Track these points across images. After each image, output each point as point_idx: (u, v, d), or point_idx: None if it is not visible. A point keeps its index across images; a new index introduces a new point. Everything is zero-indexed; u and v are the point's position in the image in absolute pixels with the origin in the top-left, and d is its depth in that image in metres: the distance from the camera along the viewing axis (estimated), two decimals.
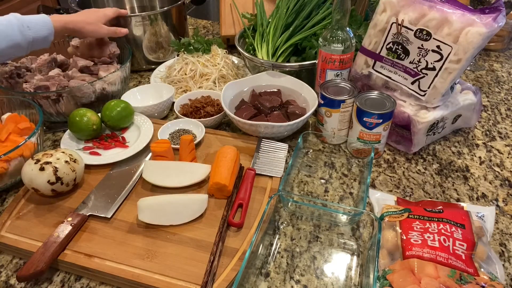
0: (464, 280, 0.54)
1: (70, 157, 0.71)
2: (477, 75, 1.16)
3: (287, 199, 0.71)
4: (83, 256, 0.62)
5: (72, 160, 0.71)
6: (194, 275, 0.58)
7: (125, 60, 1.00)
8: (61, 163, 0.69)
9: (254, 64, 1.00)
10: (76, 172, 0.71)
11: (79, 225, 0.66)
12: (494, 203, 0.74)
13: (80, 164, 0.73)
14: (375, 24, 0.81)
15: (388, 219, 0.65)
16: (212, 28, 1.47)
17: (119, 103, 0.87)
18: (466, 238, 0.60)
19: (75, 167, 0.71)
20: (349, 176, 0.80)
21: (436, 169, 0.82)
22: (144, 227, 0.67)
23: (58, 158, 0.69)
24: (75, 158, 0.72)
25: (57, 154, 0.70)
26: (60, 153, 0.71)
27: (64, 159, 0.70)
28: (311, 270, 0.62)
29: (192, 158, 0.79)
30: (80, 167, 0.73)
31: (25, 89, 0.90)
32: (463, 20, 0.70)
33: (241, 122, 0.82)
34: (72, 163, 0.71)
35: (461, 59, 0.72)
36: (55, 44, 1.08)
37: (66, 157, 0.70)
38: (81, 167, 0.73)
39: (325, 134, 0.87)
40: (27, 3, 2.30)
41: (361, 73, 0.87)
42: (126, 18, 1.09)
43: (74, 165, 0.71)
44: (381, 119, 0.77)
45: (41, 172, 0.67)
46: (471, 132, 0.92)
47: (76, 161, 0.72)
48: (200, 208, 0.68)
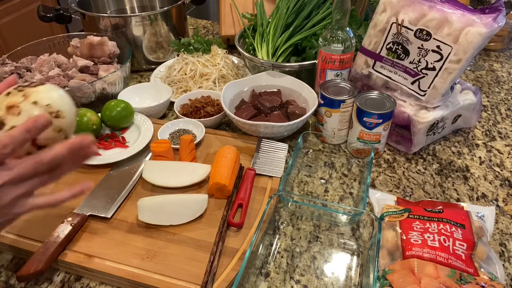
0: (464, 280, 0.54)
1: (48, 111, 0.46)
2: (477, 75, 1.16)
3: (287, 199, 0.71)
4: (83, 256, 0.62)
5: (54, 115, 0.46)
6: (194, 275, 0.58)
7: (125, 60, 1.00)
8: None
9: (254, 64, 1.00)
10: (63, 131, 0.47)
11: (79, 225, 0.66)
12: (494, 203, 0.74)
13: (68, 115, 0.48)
14: (375, 24, 0.81)
15: (388, 219, 0.65)
16: (212, 28, 1.47)
17: (119, 103, 0.87)
18: (466, 238, 0.60)
19: (61, 124, 0.47)
20: (349, 176, 0.80)
21: (436, 169, 0.82)
22: (144, 227, 0.67)
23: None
24: (58, 110, 0.46)
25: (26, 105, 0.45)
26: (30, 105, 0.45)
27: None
28: (311, 270, 0.62)
29: (192, 158, 0.79)
30: (68, 119, 0.48)
31: None
32: (463, 20, 0.70)
33: (241, 122, 0.82)
34: (55, 119, 0.46)
35: (461, 59, 0.72)
36: (55, 44, 1.08)
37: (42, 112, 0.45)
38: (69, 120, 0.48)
39: (325, 134, 0.87)
40: (27, 3, 2.30)
41: (361, 73, 0.87)
42: (126, 18, 1.10)
43: (58, 122, 0.46)
44: (381, 119, 0.77)
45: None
46: (471, 132, 0.92)
47: (60, 114, 0.46)
48: (200, 208, 0.68)
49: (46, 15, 1.13)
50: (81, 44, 1.04)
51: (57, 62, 1.01)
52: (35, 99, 0.45)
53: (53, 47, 1.08)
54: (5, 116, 0.45)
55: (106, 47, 1.03)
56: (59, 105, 0.47)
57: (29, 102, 0.45)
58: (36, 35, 1.50)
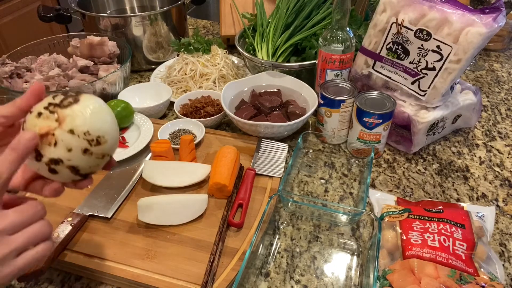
0: (464, 280, 0.54)
1: (87, 140, 0.42)
2: (477, 75, 1.16)
3: (287, 199, 0.71)
4: (83, 256, 0.62)
5: (94, 143, 0.42)
6: (194, 275, 0.58)
7: (125, 60, 1.00)
8: (78, 156, 0.42)
9: (254, 64, 1.00)
10: (106, 155, 0.44)
11: (79, 225, 0.66)
12: (494, 203, 0.74)
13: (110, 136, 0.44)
14: (375, 24, 0.81)
15: (388, 219, 0.65)
16: (212, 28, 1.47)
17: (119, 103, 0.87)
18: (466, 238, 0.60)
19: (104, 149, 0.43)
20: (349, 176, 0.80)
21: (436, 169, 0.82)
22: (144, 227, 0.67)
23: (70, 149, 0.41)
24: (98, 136, 0.42)
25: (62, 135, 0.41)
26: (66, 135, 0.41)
27: (80, 146, 0.41)
28: (311, 270, 0.62)
29: (192, 158, 0.79)
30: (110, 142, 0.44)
31: (25, 89, 0.90)
32: (463, 20, 0.70)
33: (241, 122, 0.82)
34: (96, 147, 0.42)
35: (461, 59, 0.72)
36: (55, 44, 1.08)
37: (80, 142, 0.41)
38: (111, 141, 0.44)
39: (325, 134, 0.87)
40: (27, 3, 2.31)
41: (361, 73, 0.87)
42: (126, 18, 1.10)
43: (100, 149, 0.43)
44: (381, 119, 0.77)
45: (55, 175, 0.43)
46: (471, 132, 0.92)
47: (101, 140, 0.42)
48: (200, 208, 0.68)
49: (46, 15, 1.13)
50: (81, 44, 1.04)
51: (57, 62, 1.01)
52: (70, 126, 0.41)
53: (53, 47, 1.08)
54: (40, 146, 0.41)
55: (106, 47, 1.03)
56: (99, 129, 0.42)
57: (65, 130, 0.41)
58: (36, 35, 1.50)
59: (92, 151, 0.42)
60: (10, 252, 0.38)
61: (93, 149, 0.42)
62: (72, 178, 0.44)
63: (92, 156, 0.42)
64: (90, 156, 0.42)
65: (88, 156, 0.42)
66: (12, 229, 0.39)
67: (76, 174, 0.43)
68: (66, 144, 0.41)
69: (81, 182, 0.46)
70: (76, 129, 0.41)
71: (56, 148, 0.41)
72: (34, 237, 0.40)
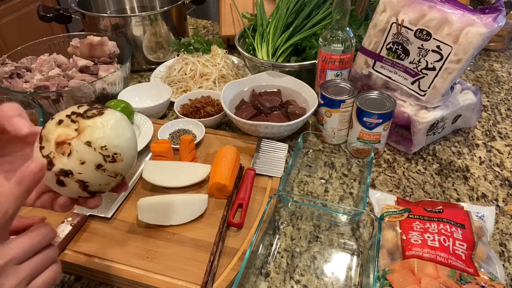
0: (464, 280, 0.54)
1: (103, 155, 0.40)
2: (477, 75, 1.16)
3: (287, 199, 0.71)
4: (83, 256, 0.62)
5: (109, 160, 0.40)
6: (194, 275, 0.58)
7: (125, 60, 1.00)
8: (90, 171, 0.40)
9: (254, 64, 1.00)
10: (119, 174, 0.43)
11: (79, 225, 0.66)
12: (494, 203, 0.74)
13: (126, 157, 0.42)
14: (375, 24, 0.81)
15: (388, 219, 0.65)
16: (212, 28, 1.47)
17: (119, 103, 0.87)
18: (466, 238, 0.60)
19: (118, 168, 0.42)
20: (349, 176, 0.80)
21: (436, 169, 0.82)
22: (144, 227, 0.67)
23: (83, 162, 0.39)
24: (114, 152, 0.40)
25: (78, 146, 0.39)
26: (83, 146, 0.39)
27: (94, 160, 0.40)
28: (311, 270, 0.62)
29: (192, 158, 0.79)
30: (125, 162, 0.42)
31: (25, 89, 0.90)
32: (463, 20, 0.70)
33: (241, 122, 0.82)
34: (110, 164, 0.41)
35: (461, 59, 0.72)
36: (55, 44, 1.08)
37: (95, 156, 0.39)
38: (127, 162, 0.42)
39: (325, 134, 0.87)
40: (27, 3, 2.31)
41: (361, 73, 0.87)
42: (126, 18, 1.10)
43: (114, 167, 0.41)
44: (381, 119, 0.77)
45: (62, 188, 0.41)
46: (471, 132, 0.92)
47: (116, 158, 0.41)
48: (200, 208, 0.68)
49: (46, 15, 1.13)
50: (81, 44, 1.04)
51: (57, 62, 1.01)
52: (89, 138, 0.39)
53: (53, 47, 1.08)
54: (54, 153, 0.39)
55: (106, 47, 1.03)
56: (117, 146, 0.40)
57: (82, 141, 0.39)
58: (36, 35, 1.50)
59: (105, 168, 0.40)
60: (20, 282, 0.37)
61: (107, 166, 0.40)
62: (79, 194, 0.42)
63: (104, 173, 0.40)
64: (103, 173, 0.40)
65: (100, 172, 0.40)
66: (20, 259, 0.38)
67: (84, 190, 0.41)
68: (80, 156, 0.39)
69: (90, 200, 0.43)
70: (93, 142, 0.39)
71: (69, 159, 0.39)
72: (43, 264, 0.39)
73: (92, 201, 0.44)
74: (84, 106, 0.41)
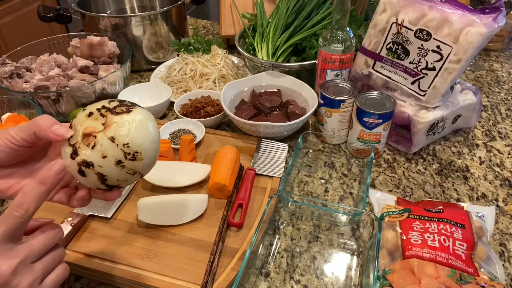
0: (464, 280, 0.54)
1: (124, 152, 0.41)
2: (477, 75, 1.16)
3: (287, 199, 0.71)
4: (83, 256, 0.62)
5: (129, 157, 0.41)
6: (194, 275, 0.58)
7: (125, 60, 1.00)
8: (110, 166, 0.41)
9: (254, 64, 1.00)
10: (138, 173, 0.44)
11: (79, 225, 0.66)
12: (494, 203, 0.74)
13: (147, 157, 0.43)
14: (375, 24, 0.81)
15: (388, 219, 0.65)
16: (212, 28, 1.47)
17: None
18: (466, 238, 0.60)
19: (137, 166, 0.43)
20: (349, 176, 0.80)
21: (436, 169, 0.82)
22: (144, 227, 0.67)
23: (105, 156, 0.40)
24: (136, 151, 0.41)
25: (103, 140, 0.40)
26: (106, 141, 0.40)
27: (115, 156, 0.41)
28: (311, 270, 0.62)
29: (192, 158, 0.79)
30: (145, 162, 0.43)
31: (25, 89, 0.90)
32: (463, 20, 0.70)
33: (241, 122, 0.82)
34: (130, 162, 0.42)
35: (461, 59, 0.72)
36: (55, 44, 1.08)
37: (117, 152, 0.41)
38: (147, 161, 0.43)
39: (325, 134, 0.87)
40: (27, 3, 2.31)
41: (361, 73, 0.87)
42: (126, 18, 1.10)
43: (133, 165, 0.42)
44: (381, 119, 0.77)
45: (82, 178, 0.42)
46: (471, 132, 0.92)
47: (137, 156, 0.42)
48: (200, 208, 0.68)
49: (46, 15, 1.13)
50: (81, 44, 1.04)
51: (57, 62, 1.01)
52: (113, 133, 0.40)
53: (53, 47, 1.08)
54: (80, 144, 0.41)
55: (106, 47, 1.03)
56: (139, 145, 0.41)
57: (107, 136, 0.40)
58: (36, 35, 1.50)
59: (125, 165, 0.41)
60: (34, 280, 0.39)
61: (126, 163, 0.41)
62: (97, 186, 0.43)
63: (123, 170, 0.42)
64: (121, 169, 0.41)
65: (119, 168, 0.41)
66: (34, 258, 0.40)
67: (103, 183, 0.42)
68: (102, 150, 0.40)
69: (108, 193, 0.45)
70: (117, 138, 0.40)
71: (93, 151, 0.40)
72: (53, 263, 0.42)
73: (110, 195, 0.45)
74: (115, 101, 0.43)
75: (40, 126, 0.42)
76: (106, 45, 1.03)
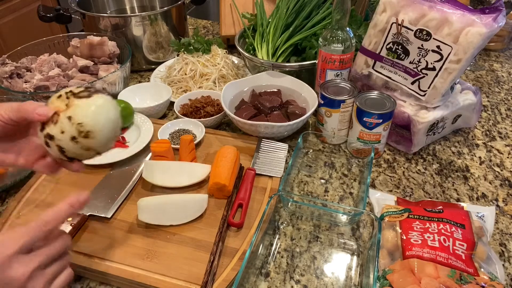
0: (464, 280, 0.54)
1: (78, 130, 0.47)
2: (477, 75, 1.16)
3: (287, 199, 0.71)
4: (83, 256, 0.62)
5: (82, 135, 0.47)
6: (194, 275, 0.58)
7: (125, 60, 1.00)
8: (66, 140, 0.47)
9: (254, 64, 1.00)
10: (92, 149, 0.49)
11: (79, 225, 0.66)
12: (494, 203, 0.74)
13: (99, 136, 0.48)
14: (375, 24, 0.81)
15: (388, 219, 0.65)
16: (212, 28, 1.47)
17: (119, 103, 0.87)
18: (466, 238, 0.60)
19: (90, 144, 0.48)
20: (349, 176, 0.80)
21: (436, 169, 0.82)
22: (144, 227, 0.67)
23: (63, 131, 0.47)
24: (88, 130, 0.47)
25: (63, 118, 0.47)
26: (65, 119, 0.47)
27: (70, 132, 0.47)
28: (311, 270, 0.62)
29: (192, 158, 0.79)
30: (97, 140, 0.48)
31: (25, 89, 0.90)
32: (463, 20, 0.70)
33: (241, 122, 0.82)
34: (83, 139, 0.47)
35: (461, 59, 0.72)
36: (55, 44, 1.08)
37: (72, 129, 0.47)
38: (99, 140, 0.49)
39: (325, 134, 0.87)
40: (27, 3, 2.30)
41: (361, 73, 0.87)
42: (126, 18, 1.10)
43: (86, 142, 0.48)
44: (381, 119, 0.77)
45: (48, 148, 0.49)
46: (471, 132, 0.92)
47: (89, 135, 0.47)
48: (200, 208, 0.68)
49: (46, 15, 1.13)
50: (81, 44, 1.04)
51: (57, 62, 1.01)
52: (71, 113, 0.47)
53: (53, 47, 1.08)
54: (48, 121, 0.48)
55: (106, 47, 1.03)
56: (92, 125, 0.47)
57: (66, 115, 0.47)
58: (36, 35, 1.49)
59: (78, 141, 0.48)
60: (45, 284, 0.44)
61: (80, 140, 0.47)
62: (59, 156, 0.49)
63: (77, 145, 0.48)
64: (76, 144, 0.48)
65: (74, 143, 0.48)
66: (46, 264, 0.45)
67: (62, 154, 0.49)
68: (61, 126, 0.47)
69: (69, 164, 0.52)
70: (73, 117, 0.47)
71: (55, 126, 0.47)
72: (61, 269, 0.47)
73: (71, 165, 0.52)
74: (81, 87, 0.50)
75: (27, 109, 0.48)
76: (106, 45, 1.03)
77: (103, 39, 1.03)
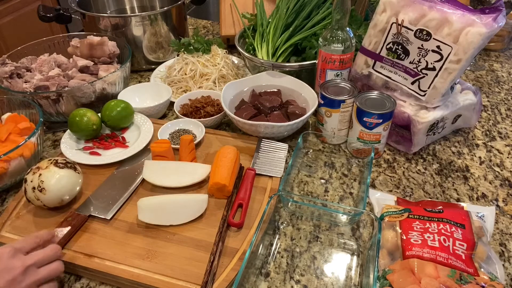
0: (464, 280, 0.54)
1: (39, 184, 0.65)
2: (477, 75, 1.16)
3: (287, 199, 0.71)
4: (83, 256, 0.62)
5: (39, 188, 0.65)
6: (194, 275, 0.58)
7: (125, 60, 1.00)
8: (30, 187, 0.66)
9: (254, 64, 1.00)
10: (40, 201, 0.66)
11: (79, 225, 0.66)
12: (494, 203, 0.74)
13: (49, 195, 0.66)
14: (375, 24, 0.81)
15: (388, 219, 0.65)
16: (212, 28, 1.47)
17: (119, 103, 0.87)
18: (466, 238, 0.60)
19: (40, 197, 0.65)
20: (349, 176, 0.80)
21: (436, 169, 0.82)
22: (144, 227, 0.67)
23: (32, 180, 0.66)
24: (43, 188, 0.65)
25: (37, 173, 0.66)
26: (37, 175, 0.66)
27: (34, 184, 0.65)
28: (311, 270, 0.62)
29: (192, 158, 0.79)
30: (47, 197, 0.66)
31: (25, 89, 0.90)
32: (463, 20, 0.70)
33: (241, 122, 0.82)
34: (38, 191, 0.65)
35: (461, 59, 0.72)
36: (55, 44, 1.08)
37: (36, 182, 0.65)
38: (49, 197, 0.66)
39: (325, 134, 0.87)
40: (27, 3, 2.30)
41: (361, 73, 0.87)
42: (126, 18, 1.10)
43: (39, 195, 0.65)
44: (381, 119, 0.77)
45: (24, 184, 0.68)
46: (471, 132, 0.92)
47: (43, 191, 0.65)
48: (200, 208, 0.68)
49: (46, 15, 1.13)
50: (81, 44, 1.04)
51: (57, 62, 1.01)
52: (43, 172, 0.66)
53: (53, 47, 1.08)
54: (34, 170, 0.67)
55: (106, 47, 1.03)
56: (47, 186, 0.65)
57: (40, 172, 0.66)
58: (36, 35, 1.50)
59: (35, 191, 0.65)
60: (36, 281, 0.54)
61: (36, 191, 0.65)
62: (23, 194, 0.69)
63: (33, 193, 0.66)
64: (33, 193, 0.66)
65: (32, 191, 0.66)
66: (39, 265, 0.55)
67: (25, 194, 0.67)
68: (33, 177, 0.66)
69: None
70: (42, 175, 0.66)
71: (32, 175, 0.67)
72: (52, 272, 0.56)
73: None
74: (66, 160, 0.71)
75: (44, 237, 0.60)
76: (106, 45, 1.03)
77: (103, 39, 1.03)
